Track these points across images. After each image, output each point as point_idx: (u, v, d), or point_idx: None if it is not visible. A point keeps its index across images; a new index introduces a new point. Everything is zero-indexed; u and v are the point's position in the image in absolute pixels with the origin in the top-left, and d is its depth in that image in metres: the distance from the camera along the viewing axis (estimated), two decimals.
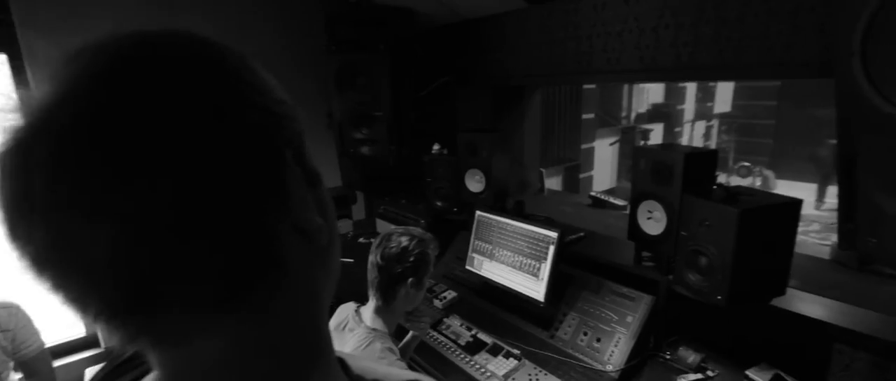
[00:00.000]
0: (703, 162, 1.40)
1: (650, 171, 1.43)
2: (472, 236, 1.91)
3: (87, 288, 0.28)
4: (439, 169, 2.18)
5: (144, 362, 0.41)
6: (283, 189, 0.31)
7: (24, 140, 0.26)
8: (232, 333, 0.31)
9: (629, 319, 1.48)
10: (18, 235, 0.27)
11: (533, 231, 1.67)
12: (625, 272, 1.59)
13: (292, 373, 0.35)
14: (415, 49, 2.66)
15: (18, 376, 1.66)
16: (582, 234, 1.95)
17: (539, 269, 1.62)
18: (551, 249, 1.60)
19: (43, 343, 1.65)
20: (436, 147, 2.24)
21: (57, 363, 1.98)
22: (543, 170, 3.19)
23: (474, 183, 2.12)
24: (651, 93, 5.12)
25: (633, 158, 1.52)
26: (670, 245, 1.39)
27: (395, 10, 2.50)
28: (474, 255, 1.89)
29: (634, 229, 1.51)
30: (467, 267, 1.91)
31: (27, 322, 1.60)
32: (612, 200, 2.79)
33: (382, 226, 2.86)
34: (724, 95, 9.01)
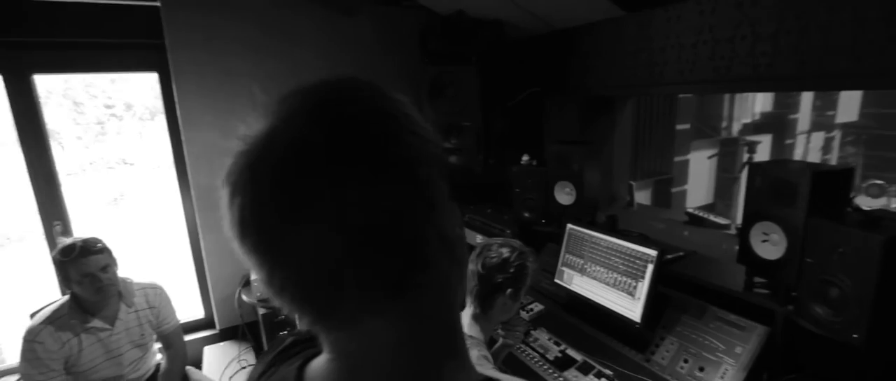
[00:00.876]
0: (835, 181, 1.26)
1: (768, 189, 1.31)
2: (563, 249, 1.88)
3: (292, 276, 0.35)
4: (528, 180, 2.18)
5: (302, 350, 0.47)
6: (434, 203, 0.37)
7: (249, 163, 0.34)
8: (393, 321, 0.37)
9: (738, 350, 1.36)
10: (247, 235, 0.34)
11: (630, 249, 1.60)
12: (733, 298, 1.47)
13: (435, 359, 0.40)
14: (504, 60, 2.69)
15: (158, 345, 1.93)
16: (681, 253, 1.83)
17: (635, 288, 1.55)
18: (649, 268, 1.52)
19: (178, 321, 1.91)
20: (525, 158, 2.24)
21: None
22: (633, 183, 3.04)
23: (564, 195, 2.08)
24: (758, 101, 4.60)
25: (748, 174, 1.40)
26: (791, 273, 1.26)
27: (485, 22, 2.56)
28: (564, 268, 1.86)
29: (746, 252, 1.39)
30: (556, 280, 1.88)
31: (168, 302, 1.87)
32: (712, 217, 2.58)
33: (468, 235, 2.91)
34: (850, 103, 7.85)
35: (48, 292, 2.38)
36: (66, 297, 1.63)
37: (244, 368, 2.45)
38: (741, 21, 1.69)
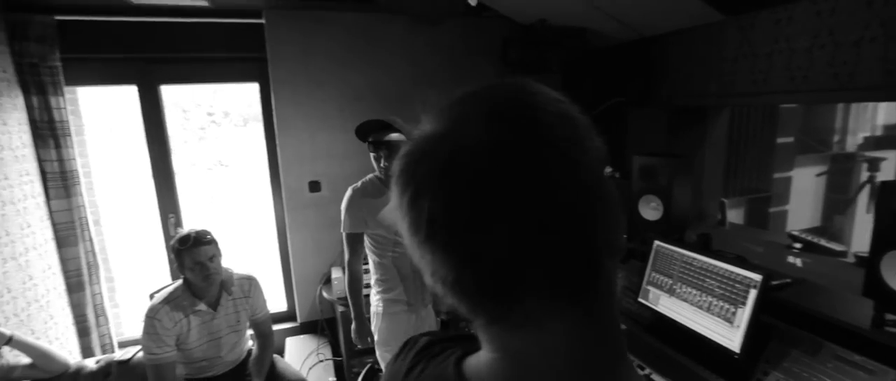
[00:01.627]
0: None
1: None
2: (649, 267, 1.77)
3: (478, 276, 0.35)
4: None
5: (444, 350, 0.48)
6: (607, 208, 0.37)
7: (436, 165, 0.35)
8: (571, 323, 0.37)
9: None
10: (436, 234, 0.36)
11: (728, 271, 1.47)
12: (858, 336, 1.29)
13: (609, 363, 0.40)
14: (586, 69, 2.62)
15: (250, 332, 2.10)
16: (788, 280, 1.65)
17: (734, 314, 1.42)
18: (752, 293, 1.39)
19: (269, 311, 2.06)
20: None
21: None
22: (725, 200, 2.80)
23: (649, 210, 1.97)
24: (882, 111, 3.99)
25: (880, 195, 1.23)
26: None
27: (568, 30, 2.51)
28: (650, 288, 1.75)
29: (876, 285, 1.22)
30: (640, 300, 1.77)
31: (261, 292, 2.03)
32: (824, 242, 2.29)
33: None
34: None
35: (162, 276, 2.70)
36: (180, 281, 1.83)
37: (321, 361, 2.59)
38: (870, 21, 1.50)
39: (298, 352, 2.65)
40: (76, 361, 1.87)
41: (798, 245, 2.16)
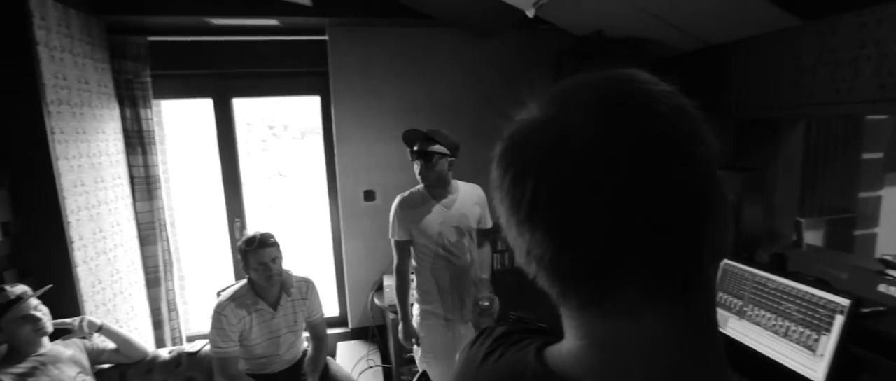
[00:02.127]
0: None
1: None
2: (715, 286, 1.66)
3: (576, 258, 0.35)
4: None
5: (522, 339, 0.48)
6: (714, 207, 0.36)
7: (543, 147, 0.36)
8: (668, 317, 0.36)
9: None
10: (537, 213, 0.36)
11: (810, 294, 1.35)
12: None
13: (706, 364, 0.38)
14: None
15: (306, 334, 2.17)
16: (882, 308, 1.49)
17: (817, 342, 1.30)
18: (838, 320, 1.26)
19: (324, 314, 2.13)
20: None
21: None
22: (802, 220, 2.58)
23: None
24: None
25: None
26: None
27: (626, 41, 2.45)
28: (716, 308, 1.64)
29: None
30: None
31: (317, 295, 2.11)
32: None
33: None
34: None
35: (227, 276, 2.87)
36: (245, 281, 1.94)
37: (371, 367, 2.63)
38: None
39: (349, 357, 2.71)
40: (152, 350, 2.02)
41: (894, 272, 1.94)
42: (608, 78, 0.37)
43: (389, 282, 2.57)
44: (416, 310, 1.96)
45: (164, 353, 2.03)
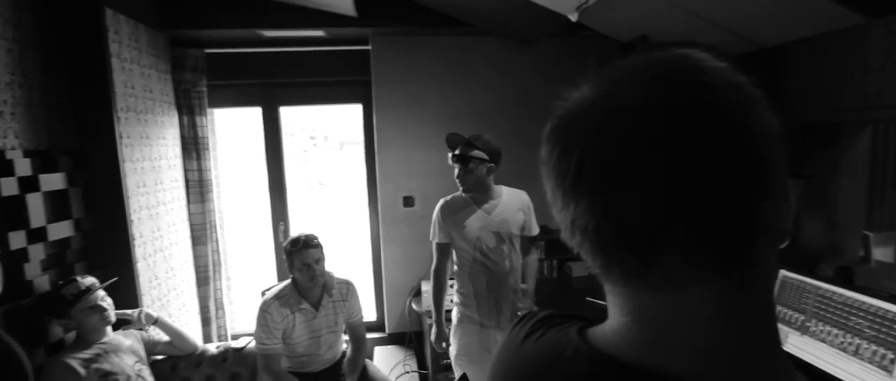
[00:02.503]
0: None
1: None
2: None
3: (620, 229, 0.35)
4: None
5: (563, 322, 0.48)
6: (771, 188, 0.35)
7: (593, 120, 0.36)
8: (717, 292, 0.35)
9: None
10: (582, 183, 0.36)
11: (885, 309, 1.24)
12: None
13: (757, 345, 0.37)
14: None
15: (346, 337, 2.21)
16: None
17: (894, 362, 1.19)
18: None
19: (363, 315, 2.17)
20: None
21: None
22: (870, 234, 2.39)
23: None
24: None
25: None
26: None
27: (671, 46, 2.38)
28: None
29: None
30: None
31: (357, 298, 2.14)
32: None
33: None
34: None
35: (269, 277, 2.97)
36: (289, 281, 2.00)
37: (407, 372, 2.63)
38: None
39: (386, 362, 2.72)
40: (201, 345, 2.11)
41: None
42: (661, 55, 0.37)
43: (427, 287, 2.58)
44: (454, 313, 1.96)
45: (212, 348, 2.12)
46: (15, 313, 1.64)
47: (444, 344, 1.96)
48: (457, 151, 1.84)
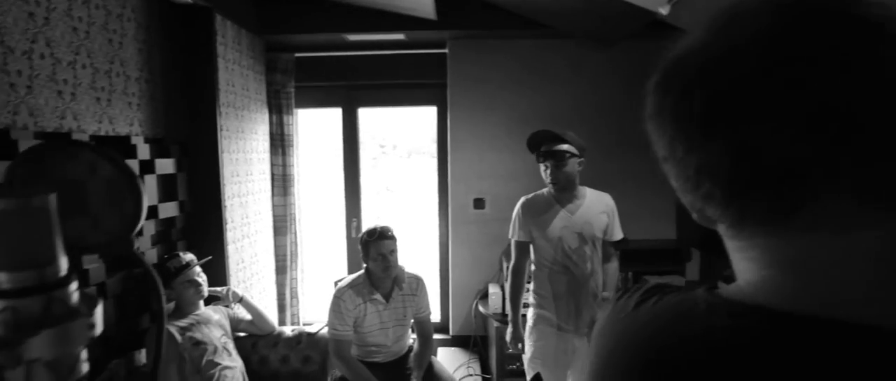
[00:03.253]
0: None
1: None
2: None
3: (750, 164, 0.32)
4: None
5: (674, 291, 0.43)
6: None
7: (684, 62, 0.35)
8: (890, 232, 0.31)
9: None
10: (716, 123, 0.33)
11: None
12: None
13: None
14: None
15: (413, 335, 2.22)
16: None
17: None
18: None
19: (430, 312, 2.17)
20: None
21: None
22: None
23: None
24: None
25: None
26: None
27: None
28: None
29: None
30: None
31: (426, 294, 2.16)
32: None
33: None
34: None
35: (339, 271, 3.09)
36: (362, 271, 2.06)
37: (470, 376, 2.59)
38: None
39: (449, 364, 2.70)
40: (279, 327, 2.23)
41: None
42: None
43: (494, 290, 2.53)
44: (530, 314, 1.91)
45: (288, 330, 2.23)
46: (129, 281, 1.84)
47: (519, 345, 1.91)
48: (544, 147, 1.79)
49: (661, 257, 2.74)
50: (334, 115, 3.10)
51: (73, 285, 0.46)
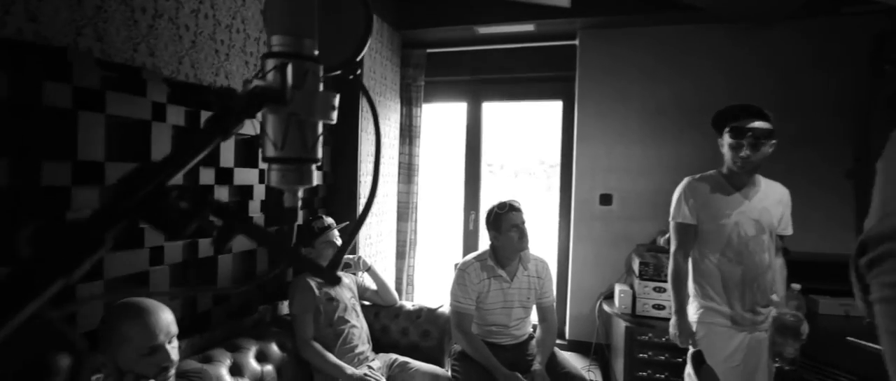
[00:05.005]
0: None
1: None
2: None
3: None
4: None
5: None
6: None
7: None
8: None
9: None
10: None
11: None
12: None
13: None
14: None
15: (535, 320, 2.11)
16: None
17: None
18: None
19: (554, 298, 2.05)
20: None
21: None
22: None
23: None
24: None
25: None
26: None
27: None
28: None
29: None
30: None
31: (550, 278, 2.05)
32: None
33: None
34: None
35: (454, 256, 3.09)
36: (487, 248, 2.03)
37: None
38: None
39: None
40: (400, 301, 2.29)
41: None
42: None
43: (624, 288, 2.31)
44: (693, 308, 1.68)
45: (409, 305, 2.27)
46: (280, 236, 2.04)
47: (689, 340, 1.67)
48: (749, 123, 1.56)
49: (835, 273, 2.26)
50: (456, 110, 3.19)
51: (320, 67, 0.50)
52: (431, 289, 2.12)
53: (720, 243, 1.59)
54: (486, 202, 3.21)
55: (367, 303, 2.24)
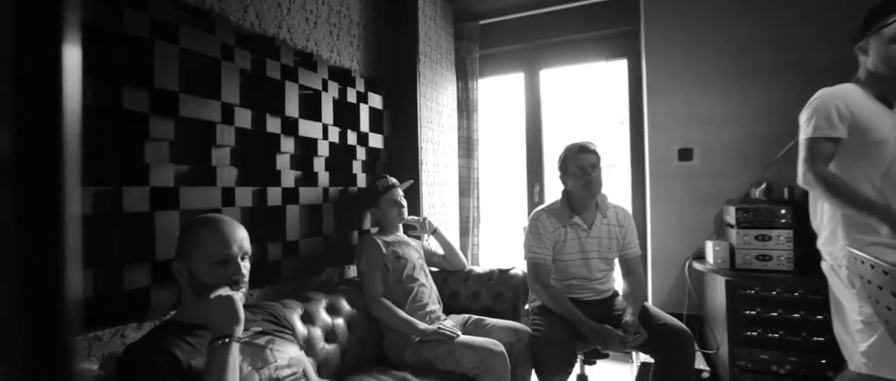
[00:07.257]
0: None
1: None
2: None
3: None
4: None
5: None
6: None
7: None
8: None
9: None
10: None
11: None
12: None
13: None
14: None
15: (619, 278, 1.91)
16: None
17: None
18: None
19: (639, 251, 1.85)
20: None
21: None
22: None
23: None
24: None
25: None
26: None
27: None
28: None
29: None
30: None
31: (633, 228, 1.86)
32: None
33: None
34: None
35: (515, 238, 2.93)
36: (560, 196, 1.88)
37: None
38: None
39: None
40: (469, 266, 2.18)
41: None
42: None
43: (718, 241, 2.04)
44: (844, 254, 1.34)
45: (478, 268, 2.14)
46: (344, 196, 2.01)
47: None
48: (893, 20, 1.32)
49: None
50: (514, 82, 3.08)
51: None
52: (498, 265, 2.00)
53: (882, 166, 1.32)
54: (550, 174, 3.05)
55: (434, 269, 2.14)
